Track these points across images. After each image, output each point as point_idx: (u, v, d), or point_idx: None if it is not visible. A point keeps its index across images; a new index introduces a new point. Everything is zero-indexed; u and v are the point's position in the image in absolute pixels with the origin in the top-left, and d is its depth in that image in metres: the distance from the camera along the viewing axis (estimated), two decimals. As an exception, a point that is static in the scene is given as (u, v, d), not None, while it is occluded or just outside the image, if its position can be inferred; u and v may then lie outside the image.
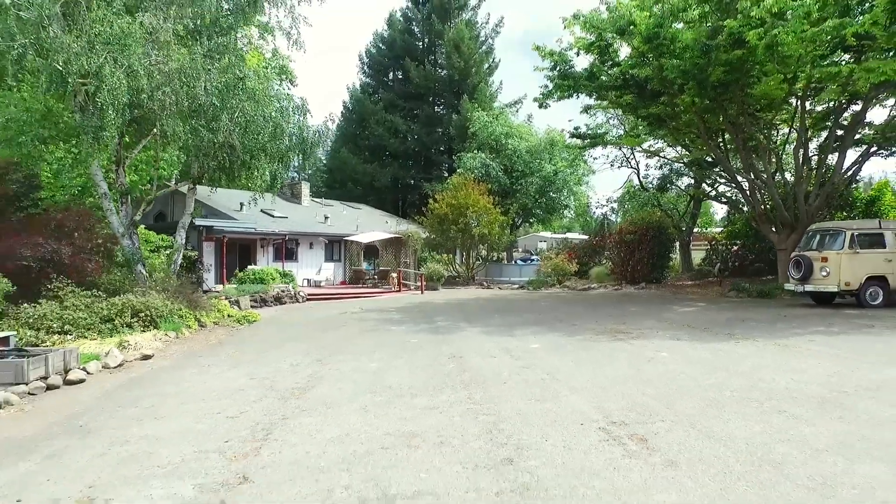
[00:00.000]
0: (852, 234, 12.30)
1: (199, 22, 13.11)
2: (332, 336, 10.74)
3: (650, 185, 26.32)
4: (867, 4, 11.83)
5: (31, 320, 9.53)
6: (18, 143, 11.81)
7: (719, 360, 7.27)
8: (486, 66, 43.43)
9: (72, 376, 7.21)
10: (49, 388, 6.84)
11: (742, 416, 4.73)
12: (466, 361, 7.62)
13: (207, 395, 6.25)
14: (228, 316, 13.87)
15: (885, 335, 9.09)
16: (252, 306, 16.74)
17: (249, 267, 20.40)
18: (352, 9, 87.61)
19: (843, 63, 11.60)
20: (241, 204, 23.05)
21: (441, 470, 3.72)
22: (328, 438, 4.47)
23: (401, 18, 44.82)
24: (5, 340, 7.90)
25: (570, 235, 40.43)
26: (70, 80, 10.65)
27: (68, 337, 9.64)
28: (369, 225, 29.74)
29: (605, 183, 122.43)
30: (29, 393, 6.58)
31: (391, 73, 46.13)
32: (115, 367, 8.19)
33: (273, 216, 24.39)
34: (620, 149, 25.77)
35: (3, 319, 9.68)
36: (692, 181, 24.97)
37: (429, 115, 42.51)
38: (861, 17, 11.07)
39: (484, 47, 43.68)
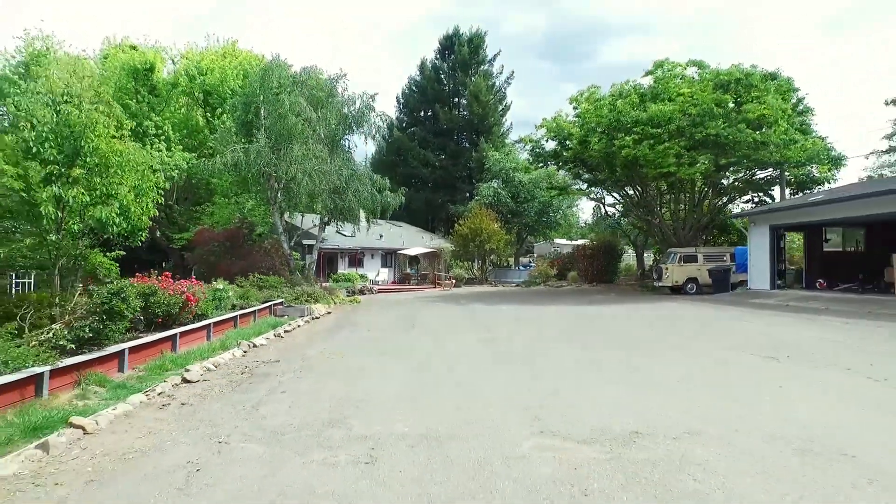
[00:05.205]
0: (680, 255, 22.72)
1: (326, 137, 24.17)
2: (408, 307, 21.48)
3: (615, 213, 36.69)
4: (699, 128, 22.23)
5: (265, 297, 20.48)
6: (245, 209, 23.10)
7: (580, 310, 17.86)
8: (500, 109, 54.07)
9: (315, 315, 18.09)
10: (312, 319, 17.69)
11: (564, 321, 15.35)
12: (476, 314, 18.26)
13: (378, 320, 16.99)
14: (342, 299, 24.80)
15: (669, 302, 19.41)
16: (348, 295, 27.66)
17: (339, 271, 31.43)
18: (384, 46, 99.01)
19: (676, 163, 21.89)
20: (326, 226, 34.03)
21: (466, 333, 14.46)
22: (435, 322, 15.24)
23: (430, 67, 55.50)
24: (282, 303, 18.84)
25: (579, 242, 50.77)
26: (281, 181, 21.77)
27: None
28: (410, 239, 40.60)
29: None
30: (307, 321, 17.38)
31: (422, 112, 56.98)
32: (321, 315, 19.02)
33: (345, 235, 35.29)
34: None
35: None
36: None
37: (453, 150, 53.05)
38: (681, 141, 21.53)
39: (498, 94, 54.29)
